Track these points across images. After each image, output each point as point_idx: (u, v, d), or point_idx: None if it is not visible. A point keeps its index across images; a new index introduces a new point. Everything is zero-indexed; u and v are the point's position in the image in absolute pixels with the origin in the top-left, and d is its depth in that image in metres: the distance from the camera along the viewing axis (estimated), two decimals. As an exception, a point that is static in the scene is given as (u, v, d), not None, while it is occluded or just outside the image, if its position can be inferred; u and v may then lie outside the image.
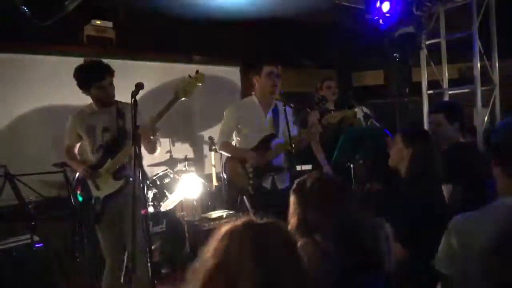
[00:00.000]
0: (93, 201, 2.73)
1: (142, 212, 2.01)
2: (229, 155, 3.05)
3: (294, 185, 1.72)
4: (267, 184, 2.94)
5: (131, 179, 2.61)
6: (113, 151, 2.70)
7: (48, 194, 3.63)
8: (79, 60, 4.67)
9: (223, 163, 3.13)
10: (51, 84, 4.30)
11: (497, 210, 1.25)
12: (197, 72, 2.55)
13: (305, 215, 1.62)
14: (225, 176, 3.10)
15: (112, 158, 2.69)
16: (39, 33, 3.74)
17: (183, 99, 2.49)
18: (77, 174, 2.81)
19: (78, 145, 2.87)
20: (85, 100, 2.66)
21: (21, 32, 3.82)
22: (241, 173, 2.91)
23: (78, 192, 2.82)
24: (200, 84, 2.52)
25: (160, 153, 4.81)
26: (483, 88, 4.37)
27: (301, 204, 1.65)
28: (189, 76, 2.51)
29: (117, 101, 2.79)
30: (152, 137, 2.56)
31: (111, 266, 2.75)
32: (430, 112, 2.86)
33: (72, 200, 3.03)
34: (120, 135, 2.71)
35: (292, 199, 1.70)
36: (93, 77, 2.64)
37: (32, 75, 4.22)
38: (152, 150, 2.74)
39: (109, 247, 2.75)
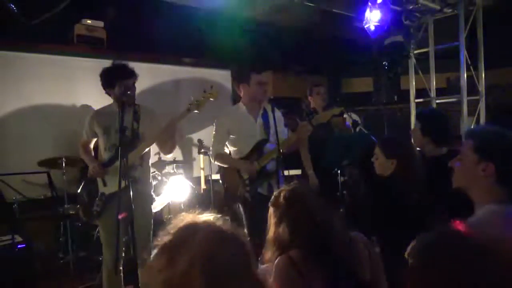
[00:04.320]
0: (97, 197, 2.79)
1: (119, 216, 2.00)
2: (225, 166, 3.06)
3: (272, 198, 1.66)
4: (263, 190, 2.91)
5: (139, 179, 2.77)
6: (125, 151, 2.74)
7: (32, 194, 3.58)
8: (69, 59, 4.71)
9: (220, 173, 3.14)
10: (39, 82, 4.25)
11: None
12: (211, 87, 2.70)
13: (281, 229, 1.56)
14: (223, 185, 3.10)
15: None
16: (28, 31, 3.69)
17: (195, 111, 2.66)
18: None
19: (94, 140, 2.95)
20: (76, 100, 2.63)
21: (9, 30, 3.77)
22: (238, 181, 2.93)
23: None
24: (212, 99, 2.68)
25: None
26: (470, 98, 4.45)
27: (276, 217, 1.60)
28: (204, 91, 2.67)
29: (137, 104, 2.89)
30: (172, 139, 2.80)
31: (109, 261, 2.74)
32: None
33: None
34: (133, 137, 2.79)
35: (269, 212, 1.64)
36: (120, 75, 2.77)
37: (20, 73, 4.17)
38: (169, 151, 2.96)
39: (108, 242, 2.76)
